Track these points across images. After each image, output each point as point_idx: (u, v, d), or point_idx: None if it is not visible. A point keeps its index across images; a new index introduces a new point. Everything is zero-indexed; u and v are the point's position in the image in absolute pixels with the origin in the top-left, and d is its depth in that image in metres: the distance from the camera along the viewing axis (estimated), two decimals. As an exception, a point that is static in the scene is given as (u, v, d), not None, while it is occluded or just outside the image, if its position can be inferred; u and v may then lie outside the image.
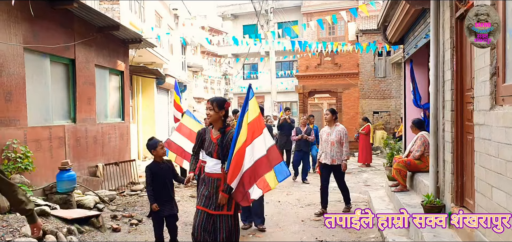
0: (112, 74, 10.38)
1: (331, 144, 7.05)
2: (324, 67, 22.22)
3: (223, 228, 4.25)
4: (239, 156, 4.03)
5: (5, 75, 6.26)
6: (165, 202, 5.07)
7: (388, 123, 20.38)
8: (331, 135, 7.09)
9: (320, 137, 7.34)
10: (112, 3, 12.94)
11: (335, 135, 7.05)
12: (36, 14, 6.77)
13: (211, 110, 4.22)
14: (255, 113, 4.15)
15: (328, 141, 7.09)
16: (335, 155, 7.06)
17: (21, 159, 6.17)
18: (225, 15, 31.44)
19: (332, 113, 7.27)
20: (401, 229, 5.53)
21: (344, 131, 7.14)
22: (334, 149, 7.05)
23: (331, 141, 7.05)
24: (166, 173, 5.15)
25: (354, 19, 22.44)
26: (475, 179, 3.89)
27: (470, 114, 4.29)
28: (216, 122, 4.30)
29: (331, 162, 7.08)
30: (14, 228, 4.99)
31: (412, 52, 8.08)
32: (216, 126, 4.32)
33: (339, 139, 7.03)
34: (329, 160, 7.07)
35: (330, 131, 7.15)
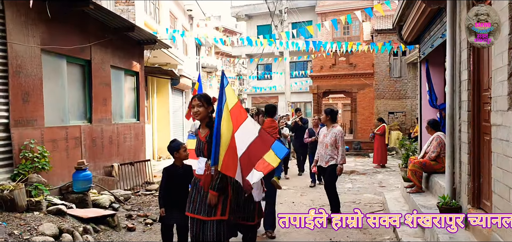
0: (127, 75, 10.48)
1: (325, 146, 6.78)
2: (338, 67, 22.11)
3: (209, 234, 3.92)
4: (232, 148, 3.76)
5: (23, 76, 6.37)
6: (176, 209, 4.73)
7: (404, 123, 20.17)
8: (327, 136, 6.82)
9: (319, 137, 7.12)
10: (127, 4, 13.07)
11: (330, 137, 6.74)
12: (53, 16, 6.87)
13: (201, 106, 3.99)
14: (234, 100, 3.91)
15: (323, 143, 6.85)
16: (327, 157, 6.76)
17: (38, 158, 6.26)
18: (239, 15, 31.47)
19: (327, 113, 6.89)
20: (416, 230, 5.48)
21: (341, 133, 6.74)
22: (327, 152, 6.75)
23: (325, 143, 6.77)
24: (183, 178, 4.79)
25: (369, 19, 22.29)
26: (492, 181, 3.83)
27: (487, 114, 4.22)
28: (205, 118, 4.06)
29: (325, 164, 6.79)
30: (32, 227, 5.07)
31: (428, 52, 7.99)
32: (203, 123, 4.08)
33: (334, 141, 6.69)
34: (324, 163, 6.81)
35: (326, 132, 6.88)
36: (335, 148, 6.68)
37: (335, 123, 6.97)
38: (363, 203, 8.23)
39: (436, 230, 4.50)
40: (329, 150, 6.72)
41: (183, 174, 4.84)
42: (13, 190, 5.41)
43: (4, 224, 4.99)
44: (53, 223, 5.30)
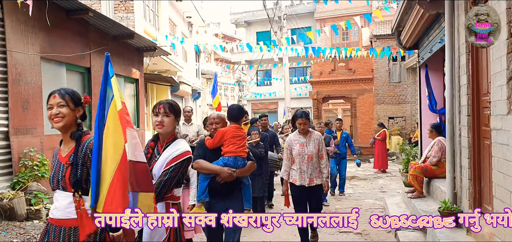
0: (127, 82, 10.49)
1: (308, 158, 5.29)
2: (338, 72, 22.14)
3: None
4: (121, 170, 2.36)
5: (22, 84, 6.37)
6: None
7: (404, 128, 20.16)
8: (307, 146, 5.33)
9: (286, 150, 5.49)
10: (126, 12, 13.10)
11: (313, 146, 5.33)
12: (53, 24, 6.89)
13: (62, 106, 2.53)
14: (121, 98, 2.54)
15: (303, 155, 5.30)
16: (313, 172, 5.32)
17: (38, 167, 6.26)
18: (239, 22, 31.56)
19: (306, 117, 5.43)
20: (417, 234, 5.46)
21: (322, 138, 5.51)
22: (312, 165, 5.30)
23: (308, 154, 5.30)
24: None
25: (368, 24, 22.33)
26: (493, 185, 3.82)
27: (487, 119, 4.22)
28: (69, 127, 2.57)
29: (309, 182, 5.29)
30: (31, 236, 5.06)
31: (427, 57, 8.00)
32: (66, 135, 2.58)
33: (318, 151, 5.36)
34: (307, 181, 5.28)
35: (305, 141, 5.36)
36: (319, 158, 5.39)
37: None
38: (364, 209, 8.20)
39: (437, 234, 4.48)
40: (314, 162, 5.33)
41: None
42: (12, 198, 5.40)
43: (3, 233, 4.98)
44: (53, 231, 5.27)
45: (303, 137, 5.41)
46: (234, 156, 3.97)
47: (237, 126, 4.18)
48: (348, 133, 10.25)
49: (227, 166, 3.93)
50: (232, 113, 4.26)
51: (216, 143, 4.02)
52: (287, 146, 5.46)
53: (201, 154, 4.02)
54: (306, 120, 5.39)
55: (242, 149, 4.05)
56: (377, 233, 6.26)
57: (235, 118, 4.25)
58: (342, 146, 9.80)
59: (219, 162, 3.94)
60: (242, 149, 4.04)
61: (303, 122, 5.38)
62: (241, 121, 4.28)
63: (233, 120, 4.23)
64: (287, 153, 5.44)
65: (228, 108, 4.35)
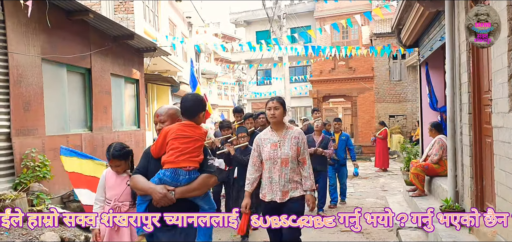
0: (127, 83, 10.50)
1: (281, 163, 3.86)
2: (338, 71, 22.15)
3: None
4: None
5: (23, 86, 6.38)
6: None
7: (405, 127, 20.16)
8: (281, 146, 3.88)
9: (253, 151, 4.07)
10: (126, 13, 13.10)
11: (289, 147, 3.88)
12: (53, 25, 6.89)
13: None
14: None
15: (275, 158, 3.88)
16: (289, 182, 3.86)
17: (40, 167, 6.26)
18: (238, 22, 31.56)
19: (283, 104, 3.98)
20: (419, 233, 5.47)
21: (303, 137, 4.00)
22: (287, 173, 3.86)
23: (282, 158, 3.86)
24: None
25: (368, 23, 22.33)
26: (495, 183, 3.82)
27: (488, 116, 4.22)
28: None
29: (282, 196, 3.84)
30: (34, 236, 5.06)
31: (427, 55, 7.99)
32: None
33: (296, 153, 3.89)
34: (279, 195, 3.84)
35: (278, 139, 3.92)
36: (298, 163, 3.93)
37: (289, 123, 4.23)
38: (366, 208, 8.21)
39: (439, 233, 4.49)
40: (289, 170, 3.86)
41: None
42: (14, 199, 5.40)
43: (6, 234, 4.98)
44: (55, 232, 5.29)
45: (276, 134, 3.94)
46: (173, 169, 2.83)
47: (188, 123, 2.95)
48: (349, 135, 8.88)
49: (164, 183, 2.85)
50: (185, 105, 3.00)
51: (159, 148, 2.94)
52: (255, 146, 4.01)
53: (142, 166, 3.03)
54: (279, 105, 3.89)
55: (188, 157, 2.86)
56: (379, 232, 6.27)
57: (189, 113, 2.98)
58: (341, 150, 8.39)
59: (155, 178, 2.88)
60: (187, 157, 2.86)
61: (273, 106, 3.87)
62: (199, 116, 3.00)
63: (187, 115, 2.99)
64: (254, 156, 4.02)
65: (182, 99, 3.09)
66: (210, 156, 3.06)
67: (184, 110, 3.00)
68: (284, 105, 3.99)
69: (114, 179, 3.62)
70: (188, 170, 2.87)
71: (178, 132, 2.90)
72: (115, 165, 3.59)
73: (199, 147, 2.95)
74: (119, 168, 3.59)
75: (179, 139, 2.88)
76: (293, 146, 3.88)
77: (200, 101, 3.06)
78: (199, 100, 3.05)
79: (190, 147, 2.88)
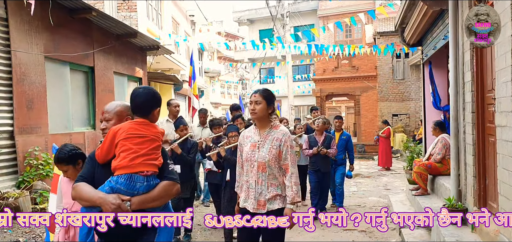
0: (130, 81, 10.51)
1: (258, 167, 3.32)
2: (341, 70, 22.12)
3: None
4: None
5: (27, 84, 6.40)
6: None
7: (408, 125, 20.12)
8: (261, 147, 3.34)
9: (238, 151, 3.59)
10: (129, 11, 13.12)
11: (268, 149, 3.31)
12: (56, 24, 6.90)
13: None
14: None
15: (252, 161, 3.36)
16: (266, 190, 3.30)
17: (43, 166, 6.28)
18: (241, 20, 31.53)
19: (266, 98, 3.37)
20: (421, 232, 5.45)
21: (288, 140, 3.35)
22: (265, 179, 3.31)
23: (258, 162, 3.32)
24: None
25: (372, 21, 22.28)
26: (498, 182, 3.81)
27: (491, 115, 4.20)
28: None
29: (256, 206, 3.30)
30: (37, 234, 5.08)
31: (430, 54, 7.97)
32: None
33: (276, 157, 3.30)
34: (253, 203, 3.32)
35: (259, 139, 3.38)
36: (280, 169, 3.35)
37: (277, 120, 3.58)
38: (368, 206, 8.20)
39: (442, 232, 4.47)
40: (267, 176, 3.31)
41: None
42: (18, 197, 5.43)
43: (9, 231, 5.01)
44: (58, 230, 5.30)
45: (258, 133, 3.41)
46: (128, 174, 2.36)
47: (140, 121, 2.51)
48: (350, 135, 8.21)
49: (116, 192, 2.34)
50: (136, 101, 2.53)
51: (106, 152, 2.47)
52: (239, 144, 3.59)
53: (87, 173, 2.50)
54: (261, 99, 3.32)
55: (144, 161, 2.41)
56: (381, 231, 6.25)
57: (142, 110, 2.53)
58: (339, 151, 7.70)
59: (105, 186, 2.38)
60: (143, 160, 2.41)
61: (254, 100, 3.33)
62: (153, 114, 2.58)
63: (139, 113, 2.54)
64: (238, 156, 3.58)
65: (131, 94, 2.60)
66: (170, 160, 2.63)
67: (135, 106, 2.54)
68: (269, 99, 3.35)
69: (67, 186, 3.15)
70: (146, 176, 2.40)
71: (130, 131, 2.44)
72: (61, 169, 3.18)
73: (156, 148, 2.50)
74: (67, 174, 3.17)
75: (131, 139, 2.42)
76: (273, 149, 3.28)
77: (153, 95, 2.59)
78: (152, 95, 2.58)
79: (145, 148, 2.43)
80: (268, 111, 3.35)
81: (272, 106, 3.37)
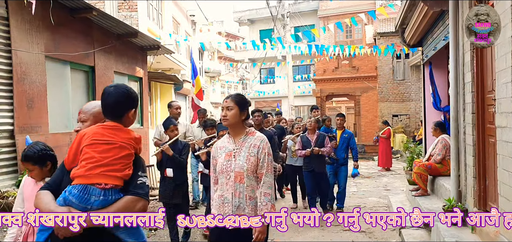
0: (131, 81, 10.51)
1: (235, 178, 3.00)
2: (341, 70, 22.12)
3: None
4: None
5: (27, 83, 6.40)
6: None
7: (408, 126, 20.12)
8: (237, 156, 3.04)
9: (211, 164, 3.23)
10: (130, 11, 13.12)
11: (245, 157, 3.02)
12: (57, 23, 6.91)
13: None
14: None
15: (228, 172, 3.03)
16: (245, 205, 2.99)
17: (43, 165, 6.28)
18: (242, 20, 31.52)
19: (239, 104, 3.09)
20: (421, 233, 5.45)
21: (265, 146, 3.06)
22: (242, 191, 2.99)
23: (235, 172, 3.01)
24: None
25: (372, 22, 22.29)
26: (498, 183, 3.81)
27: (491, 116, 4.21)
28: None
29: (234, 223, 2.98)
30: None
31: (431, 55, 7.97)
32: None
33: (255, 164, 3.01)
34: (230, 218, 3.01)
35: (234, 148, 3.07)
36: (257, 178, 3.04)
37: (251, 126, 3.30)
38: (368, 207, 8.20)
39: (442, 232, 4.47)
40: (245, 187, 3.00)
41: None
42: (18, 196, 5.42)
43: (9, 230, 5.01)
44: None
45: (233, 141, 3.09)
46: (82, 185, 2.07)
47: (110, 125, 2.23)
48: (352, 133, 7.90)
49: (68, 205, 2.07)
50: (106, 101, 2.27)
51: (72, 158, 2.22)
52: (212, 158, 3.20)
53: (54, 180, 2.28)
54: (233, 105, 3.03)
55: (105, 171, 2.10)
56: (381, 231, 6.25)
57: (112, 112, 2.26)
58: (341, 149, 7.50)
59: (60, 197, 2.12)
60: (103, 170, 2.10)
61: (225, 106, 3.05)
62: (128, 116, 2.29)
63: (110, 115, 2.27)
64: (212, 171, 3.21)
65: (102, 93, 2.32)
66: (142, 172, 2.26)
67: (105, 108, 2.26)
68: (242, 104, 3.07)
69: (31, 188, 2.84)
70: (103, 189, 2.07)
71: (95, 136, 2.15)
72: (27, 168, 2.89)
73: (125, 157, 2.16)
74: (32, 174, 2.86)
75: (95, 146, 2.13)
76: (251, 156, 2.99)
77: (127, 95, 2.26)
78: (125, 94, 2.25)
79: (110, 157, 2.11)
80: (241, 117, 3.07)
81: (245, 112, 3.11)
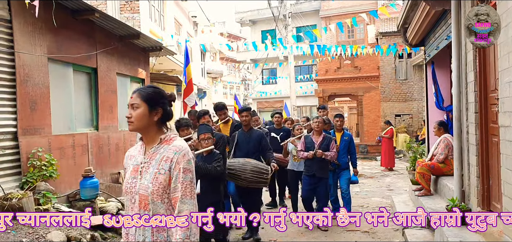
0: (133, 82, 10.53)
1: (139, 202, 2.15)
2: (344, 70, 22.10)
3: None
4: None
5: (30, 85, 6.41)
6: None
7: (411, 126, 20.07)
8: (144, 172, 2.18)
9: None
10: (132, 12, 13.15)
11: (152, 175, 2.14)
12: (59, 25, 6.92)
13: None
14: None
15: (133, 192, 2.18)
16: (149, 238, 2.15)
17: (46, 166, 6.29)
18: (244, 21, 31.54)
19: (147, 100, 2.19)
20: (425, 233, 5.44)
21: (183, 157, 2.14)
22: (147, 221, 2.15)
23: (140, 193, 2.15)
24: None
25: (374, 21, 22.26)
26: (502, 183, 3.80)
27: (495, 116, 4.19)
28: None
29: None
30: (40, 235, 5.09)
31: (433, 54, 7.95)
32: None
33: (163, 186, 2.13)
34: None
35: (143, 160, 2.22)
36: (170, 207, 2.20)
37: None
38: (371, 207, 8.19)
39: (446, 232, 4.46)
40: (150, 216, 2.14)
41: None
42: (21, 198, 5.43)
43: (13, 232, 5.02)
44: (61, 231, 5.32)
45: (144, 150, 2.25)
46: None
47: None
48: (352, 135, 7.42)
49: None
50: None
51: None
52: (124, 171, 2.40)
53: None
54: (140, 102, 2.17)
55: None
56: (384, 232, 6.24)
57: None
58: (342, 153, 6.95)
59: None
60: None
61: (130, 104, 2.19)
62: None
63: None
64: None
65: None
66: None
67: None
68: (153, 100, 2.18)
69: None
70: None
71: None
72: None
73: None
74: None
75: None
76: (160, 174, 2.12)
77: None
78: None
79: None
80: (152, 118, 2.18)
81: (158, 111, 2.20)
